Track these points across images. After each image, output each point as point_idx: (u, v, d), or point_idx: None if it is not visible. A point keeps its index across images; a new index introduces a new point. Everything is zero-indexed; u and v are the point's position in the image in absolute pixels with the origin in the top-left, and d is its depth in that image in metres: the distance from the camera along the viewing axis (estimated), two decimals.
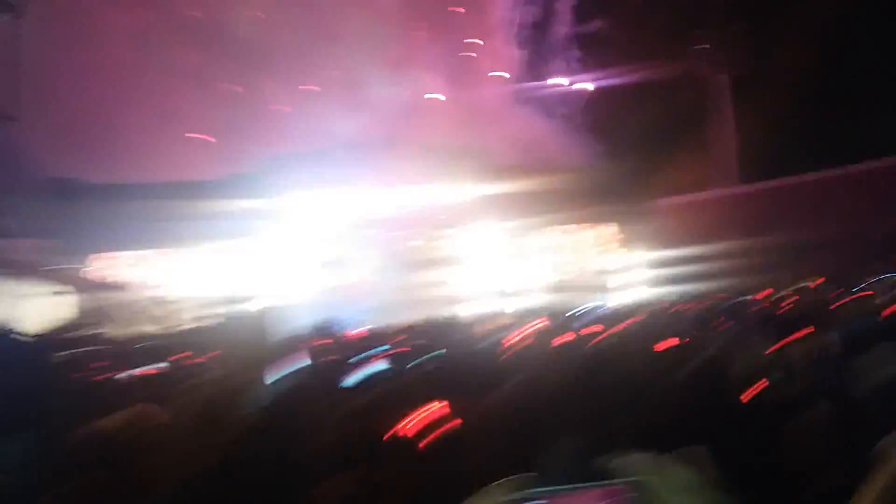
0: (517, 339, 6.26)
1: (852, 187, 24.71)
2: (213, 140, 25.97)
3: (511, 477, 0.87)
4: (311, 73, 28.35)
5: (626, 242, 26.09)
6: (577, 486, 0.91)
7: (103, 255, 21.17)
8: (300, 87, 27.86)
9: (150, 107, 26.15)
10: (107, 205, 21.26)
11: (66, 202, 20.71)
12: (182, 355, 7.40)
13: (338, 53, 28.46)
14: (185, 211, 20.68)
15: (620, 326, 7.22)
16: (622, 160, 26.81)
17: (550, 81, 32.26)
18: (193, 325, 18.08)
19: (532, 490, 0.84)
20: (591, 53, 31.57)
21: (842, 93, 28.82)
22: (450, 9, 31.31)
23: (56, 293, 15.05)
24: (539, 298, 20.32)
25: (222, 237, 21.52)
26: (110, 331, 15.46)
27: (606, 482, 0.91)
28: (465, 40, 31.76)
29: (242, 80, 27.89)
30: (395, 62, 30.05)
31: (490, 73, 31.67)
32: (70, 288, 15.63)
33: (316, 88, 27.87)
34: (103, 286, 17.48)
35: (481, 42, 32.09)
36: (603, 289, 23.43)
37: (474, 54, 31.77)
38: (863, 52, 28.64)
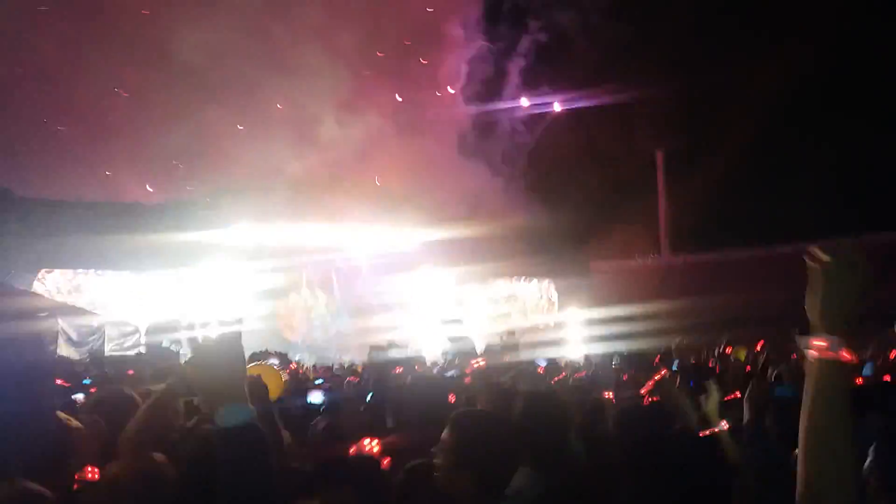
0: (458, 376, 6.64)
1: (773, 267, 26.09)
2: (154, 162, 25.42)
3: None
4: (261, 104, 28.21)
5: (563, 299, 26.74)
6: None
7: (40, 270, 20.21)
8: (248, 118, 27.67)
9: (90, 123, 25.44)
10: (38, 219, 20.36)
11: None
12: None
13: (290, 87, 28.45)
14: (124, 233, 20.07)
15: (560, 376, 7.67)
16: (561, 220, 27.66)
17: (497, 133, 33.23)
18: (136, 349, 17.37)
19: None
20: (539, 107, 32.72)
21: (768, 175, 30.81)
22: (406, 55, 31.93)
23: None
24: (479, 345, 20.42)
25: (163, 264, 20.86)
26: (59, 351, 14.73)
27: None
28: (418, 88, 32.43)
29: (189, 105, 27.53)
30: (346, 102, 30.35)
31: (439, 123, 32.37)
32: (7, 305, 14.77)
33: (264, 120, 27.76)
34: (41, 305, 16.57)
35: (435, 91, 32.80)
36: (540, 342, 23.79)
37: (426, 102, 32.42)
38: (791, 138, 30.78)
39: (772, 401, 4.33)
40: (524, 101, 32.37)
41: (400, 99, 31.45)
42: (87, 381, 8.52)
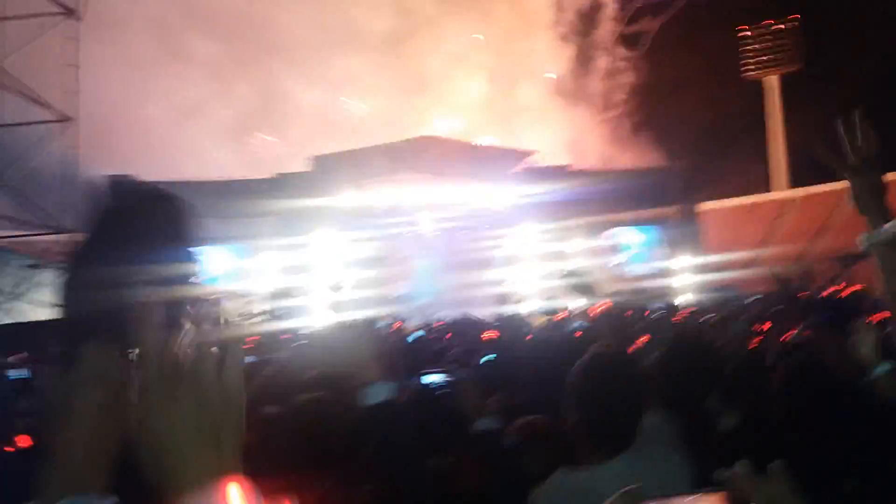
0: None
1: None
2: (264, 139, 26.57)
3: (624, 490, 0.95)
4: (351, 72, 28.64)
5: (671, 246, 25.89)
6: (690, 494, 0.94)
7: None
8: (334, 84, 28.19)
9: (193, 107, 26.82)
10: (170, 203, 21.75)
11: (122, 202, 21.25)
12: None
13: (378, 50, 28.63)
14: (238, 210, 21.20)
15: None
16: (669, 162, 26.63)
17: (596, 80, 32.23)
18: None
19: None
20: (639, 52, 31.41)
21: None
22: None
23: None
24: (581, 300, 20.25)
25: (276, 235, 21.95)
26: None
27: (715, 489, 0.94)
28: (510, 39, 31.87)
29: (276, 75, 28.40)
30: (441, 58, 30.30)
31: (538, 71, 31.75)
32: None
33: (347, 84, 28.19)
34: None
35: (526, 40, 32.09)
36: (649, 292, 23.29)
37: (520, 52, 31.82)
38: None
39: None
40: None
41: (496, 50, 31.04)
42: None
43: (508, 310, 17.43)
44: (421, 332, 10.16)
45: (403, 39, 29.39)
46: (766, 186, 29.47)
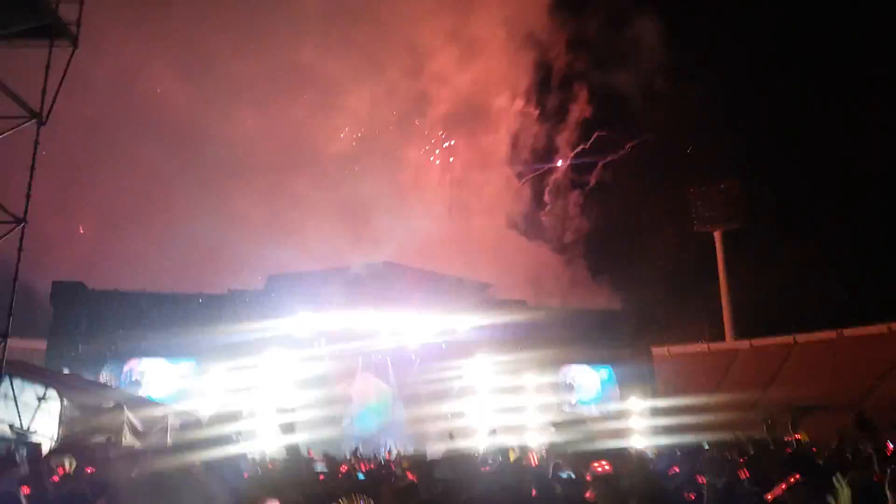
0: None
1: (849, 350, 24.95)
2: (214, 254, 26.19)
3: None
4: (310, 194, 28.95)
5: (622, 387, 25.87)
6: None
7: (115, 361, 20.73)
8: (297, 207, 28.39)
9: (157, 216, 26.52)
10: (107, 311, 21.00)
11: (71, 307, 20.42)
12: None
13: (338, 174, 29.14)
14: (189, 324, 20.49)
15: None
16: (621, 305, 27.18)
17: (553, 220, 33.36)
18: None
19: None
20: (593, 199, 32.81)
21: (835, 253, 29.82)
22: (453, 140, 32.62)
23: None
24: (538, 438, 19.81)
25: (226, 354, 21.13)
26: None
27: None
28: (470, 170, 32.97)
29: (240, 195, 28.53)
30: (395, 186, 30.98)
31: (496, 204, 32.70)
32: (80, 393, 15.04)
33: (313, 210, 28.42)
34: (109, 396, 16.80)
35: (487, 174, 33.22)
36: (604, 433, 22.95)
37: (481, 185, 32.85)
38: (857, 211, 29.97)
39: None
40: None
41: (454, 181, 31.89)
42: None
43: (460, 445, 16.91)
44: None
45: (362, 164, 30.04)
46: (721, 334, 30.21)
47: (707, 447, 9.54)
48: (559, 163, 34.61)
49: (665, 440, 19.75)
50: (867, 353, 24.29)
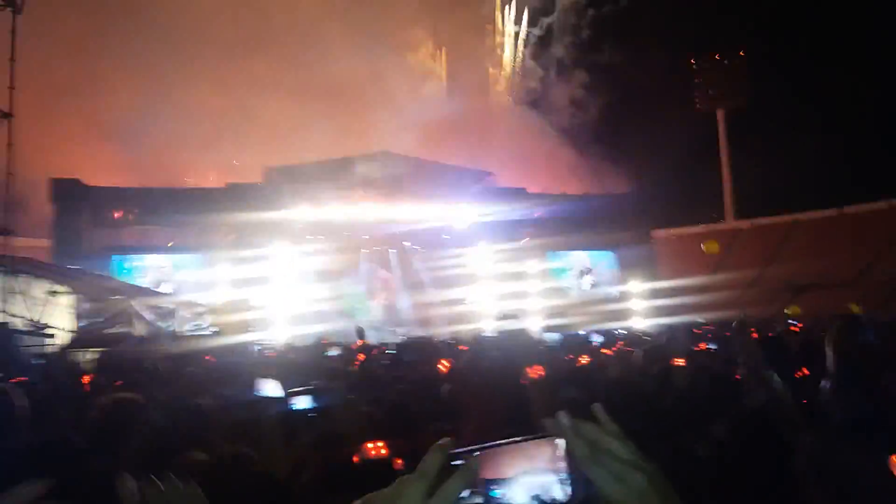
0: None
1: (849, 228, 24.92)
2: (214, 148, 25.86)
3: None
4: (311, 76, 28.23)
5: (624, 271, 26.21)
6: (511, 440, 0.91)
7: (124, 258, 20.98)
8: (299, 92, 27.78)
9: (154, 111, 26.01)
10: (109, 207, 21.00)
11: (72, 203, 20.37)
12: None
13: (339, 60, 28.34)
14: (193, 219, 20.55)
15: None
16: (623, 189, 27.04)
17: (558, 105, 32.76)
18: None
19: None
20: (597, 80, 32.07)
21: (839, 130, 29.29)
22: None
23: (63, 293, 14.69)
24: (541, 322, 20.26)
25: (229, 247, 21.29)
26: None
27: (540, 435, 0.91)
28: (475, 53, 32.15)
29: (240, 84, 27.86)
30: (407, 73, 30.28)
31: (500, 93, 32.09)
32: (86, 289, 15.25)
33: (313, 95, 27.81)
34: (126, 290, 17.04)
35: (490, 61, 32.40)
36: (603, 316, 23.50)
37: (484, 68, 32.09)
38: (861, 90, 29.17)
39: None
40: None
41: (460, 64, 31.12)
42: None
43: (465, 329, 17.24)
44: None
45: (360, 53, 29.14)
46: (721, 216, 30.24)
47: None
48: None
49: (666, 320, 20.24)
50: (867, 230, 24.33)
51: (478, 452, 0.89)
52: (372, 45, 28.83)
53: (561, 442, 0.91)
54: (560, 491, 0.91)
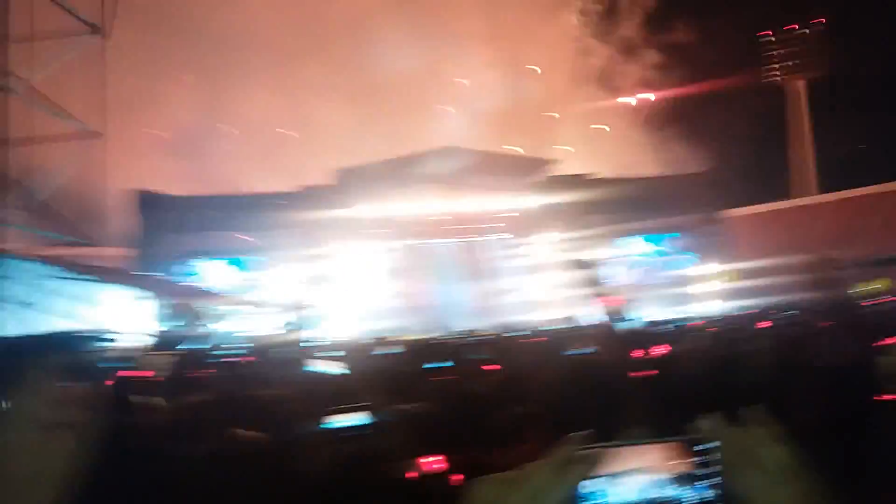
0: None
1: None
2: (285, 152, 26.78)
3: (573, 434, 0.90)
4: (368, 76, 28.68)
5: (698, 252, 25.54)
6: (648, 440, 0.90)
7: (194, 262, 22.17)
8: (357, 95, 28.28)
9: (225, 123, 27.20)
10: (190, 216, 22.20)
11: (150, 214, 21.63)
12: None
13: (397, 58, 28.63)
14: (263, 222, 21.46)
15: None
16: (697, 168, 26.28)
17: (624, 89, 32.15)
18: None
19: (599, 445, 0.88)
20: (665, 59, 31.25)
21: None
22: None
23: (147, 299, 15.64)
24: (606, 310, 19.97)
25: (299, 247, 22.09)
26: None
27: (681, 437, 0.89)
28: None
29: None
30: (463, 69, 30.37)
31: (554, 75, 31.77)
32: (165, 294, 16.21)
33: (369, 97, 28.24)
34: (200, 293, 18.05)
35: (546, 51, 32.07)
36: (677, 299, 23.04)
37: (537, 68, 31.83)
38: None
39: None
40: None
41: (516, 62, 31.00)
42: None
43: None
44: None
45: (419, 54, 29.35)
46: (786, 193, 28.99)
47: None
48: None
49: (745, 303, 19.62)
50: None
51: (607, 448, 0.91)
52: (428, 39, 28.99)
53: (701, 446, 0.90)
54: (682, 493, 0.90)
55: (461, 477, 2.73)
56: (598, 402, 2.74)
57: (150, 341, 14.99)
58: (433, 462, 2.83)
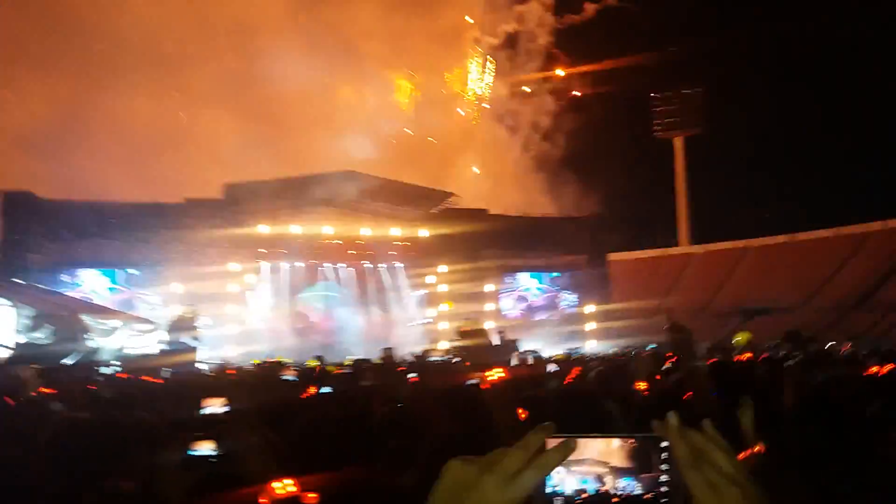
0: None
1: (802, 253, 25.42)
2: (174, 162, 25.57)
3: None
4: (266, 92, 28.05)
5: (578, 292, 26.54)
6: (614, 434, 0.97)
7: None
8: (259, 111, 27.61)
9: (110, 124, 25.66)
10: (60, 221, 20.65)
11: (22, 217, 19.99)
12: None
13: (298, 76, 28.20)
14: (152, 235, 20.37)
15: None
16: (578, 212, 27.35)
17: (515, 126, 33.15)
18: None
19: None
20: (560, 106, 32.57)
21: (794, 156, 30.20)
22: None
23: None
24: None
25: (184, 264, 21.03)
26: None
27: (643, 434, 0.97)
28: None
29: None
30: (364, 92, 30.28)
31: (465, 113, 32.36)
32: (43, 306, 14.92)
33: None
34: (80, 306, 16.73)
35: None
36: (561, 335, 23.76)
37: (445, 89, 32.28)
38: (813, 116, 30.15)
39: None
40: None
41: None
42: None
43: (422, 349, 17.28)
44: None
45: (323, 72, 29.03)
46: (674, 241, 30.78)
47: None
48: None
49: (619, 342, 20.52)
50: (816, 257, 24.93)
51: (578, 438, 0.94)
52: (333, 61, 28.76)
53: (665, 443, 0.95)
54: (624, 486, 0.95)
55: (316, 497, 2.65)
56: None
57: (13, 353, 13.80)
58: (285, 485, 2.67)
